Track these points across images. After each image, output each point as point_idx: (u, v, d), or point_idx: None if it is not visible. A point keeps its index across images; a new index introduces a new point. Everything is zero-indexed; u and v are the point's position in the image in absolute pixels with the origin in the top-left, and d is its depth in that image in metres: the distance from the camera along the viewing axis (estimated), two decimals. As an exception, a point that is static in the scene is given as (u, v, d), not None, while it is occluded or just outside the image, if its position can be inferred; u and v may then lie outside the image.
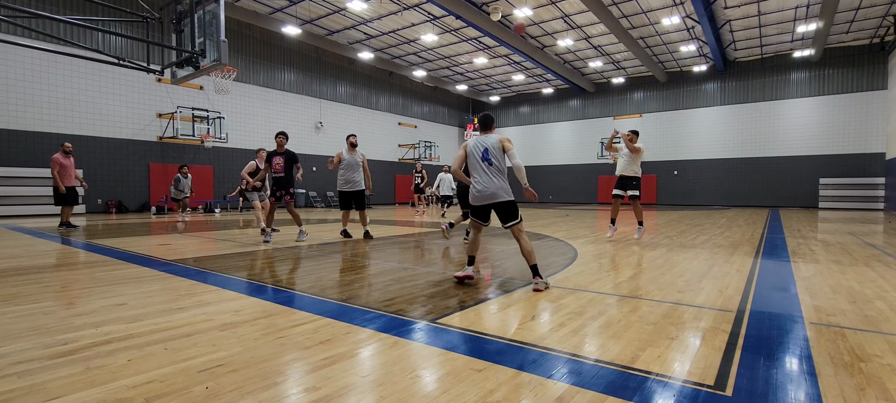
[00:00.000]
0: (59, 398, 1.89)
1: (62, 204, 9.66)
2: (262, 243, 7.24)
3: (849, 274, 4.74)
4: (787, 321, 3.08)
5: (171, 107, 17.38)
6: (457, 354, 2.43)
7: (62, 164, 9.50)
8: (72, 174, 9.71)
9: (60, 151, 9.65)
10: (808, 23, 18.59)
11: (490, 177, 4.18)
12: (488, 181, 4.18)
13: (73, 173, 9.76)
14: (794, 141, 22.74)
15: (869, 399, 1.92)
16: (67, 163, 9.61)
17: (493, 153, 4.19)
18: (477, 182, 4.24)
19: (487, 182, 4.18)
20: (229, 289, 3.98)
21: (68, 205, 9.71)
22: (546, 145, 30.56)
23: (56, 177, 9.36)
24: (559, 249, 6.68)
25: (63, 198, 9.57)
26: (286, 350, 2.46)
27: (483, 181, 4.20)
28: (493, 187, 4.15)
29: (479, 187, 4.22)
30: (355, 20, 19.58)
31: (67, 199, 9.61)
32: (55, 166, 9.39)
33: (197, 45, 6.44)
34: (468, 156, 4.34)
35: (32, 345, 2.52)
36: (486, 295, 3.81)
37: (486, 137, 4.31)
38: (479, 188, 4.22)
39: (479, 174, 4.24)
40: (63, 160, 9.54)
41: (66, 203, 9.64)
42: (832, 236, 8.70)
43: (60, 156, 9.55)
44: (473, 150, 4.30)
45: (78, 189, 10.06)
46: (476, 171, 4.27)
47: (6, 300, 3.57)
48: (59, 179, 9.39)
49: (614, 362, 2.32)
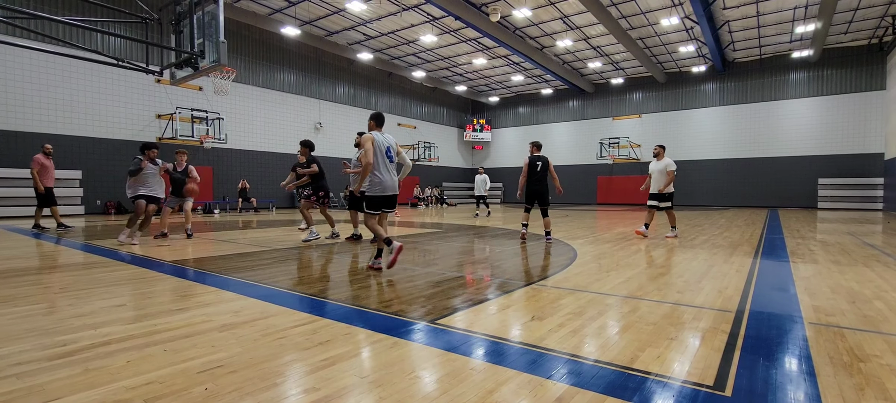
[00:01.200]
0: (58, 399, 1.88)
1: (42, 205, 9.79)
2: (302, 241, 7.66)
3: (848, 275, 4.74)
4: (787, 321, 3.08)
5: (170, 108, 17.38)
6: (456, 355, 2.43)
7: (43, 165, 9.61)
8: (52, 175, 9.87)
9: (41, 152, 9.77)
10: (806, 23, 18.63)
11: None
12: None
13: (53, 174, 9.91)
14: (793, 141, 22.78)
15: (868, 398, 1.93)
16: (48, 163, 9.73)
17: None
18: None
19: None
20: (228, 290, 3.97)
21: (44, 206, 9.84)
22: (545, 145, 29.99)
23: (36, 178, 9.47)
24: (559, 250, 6.68)
25: (42, 199, 9.71)
26: (285, 351, 2.46)
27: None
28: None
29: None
30: (354, 21, 19.58)
31: (46, 200, 9.75)
32: (36, 166, 9.51)
33: (196, 46, 6.43)
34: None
35: (31, 346, 2.52)
36: (485, 296, 3.81)
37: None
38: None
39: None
40: (44, 161, 9.64)
41: (44, 204, 9.78)
42: (831, 236, 8.72)
43: (41, 156, 9.66)
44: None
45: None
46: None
47: (5, 301, 3.57)
48: (39, 179, 9.49)
49: (614, 362, 2.33)
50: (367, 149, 4.73)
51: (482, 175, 16.32)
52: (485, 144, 33.90)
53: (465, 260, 5.77)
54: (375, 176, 4.87)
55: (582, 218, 13.87)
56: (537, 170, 7.74)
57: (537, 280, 4.49)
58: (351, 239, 7.77)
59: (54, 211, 9.89)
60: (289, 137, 21.45)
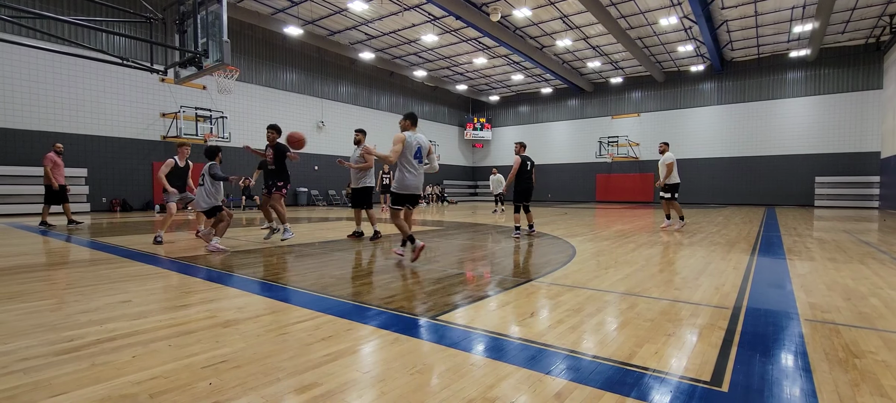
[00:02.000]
0: (64, 394, 1.91)
1: (52, 202, 9.98)
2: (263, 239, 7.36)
3: (844, 272, 4.78)
4: (783, 317, 3.12)
5: (175, 107, 17.42)
6: (457, 350, 2.46)
7: (56, 162, 9.85)
8: (63, 173, 10.08)
9: (53, 151, 10.00)
10: (804, 23, 18.65)
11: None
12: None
13: (63, 172, 10.12)
14: (791, 140, 22.83)
15: (863, 394, 1.96)
16: (59, 162, 9.96)
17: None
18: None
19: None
20: (232, 287, 4.00)
21: (55, 203, 10.04)
22: (545, 144, 30.61)
23: (49, 174, 9.71)
24: (558, 247, 6.71)
25: (54, 196, 9.90)
26: (288, 347, 2.49)
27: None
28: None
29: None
30: (356, 21, 19.60)
31: (58, 197, 9.94)
32: (49, 163, 9.74)
33: (200, 46, 6.46)
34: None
35: (38, 342, 2.55)
36: (485, 293, 3.85)
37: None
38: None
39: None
40: (56, 159, 9.89)
41: (56, 201, 9.97)
42: (827, 234, 8.75)
43: (54, 155, 9.90)
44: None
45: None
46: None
47: (12, 297, 3.60)
48: (52, 176, 9.72)
49: (612, 358, 2.36)
50: (397, 149, 4.94)
51: (496, 175, 18.35)
52: (485, 143, 33.94)
53: (465, 258, 5.80)
54: (403, 175, 5.10)
55: (581, 216, 13.89)
56: (527, 169, 8.06)
57: (536, 277, 4.52)
58: (353, 237, 7.81)
59: (66, 208, 10.10)
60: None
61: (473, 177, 34.32)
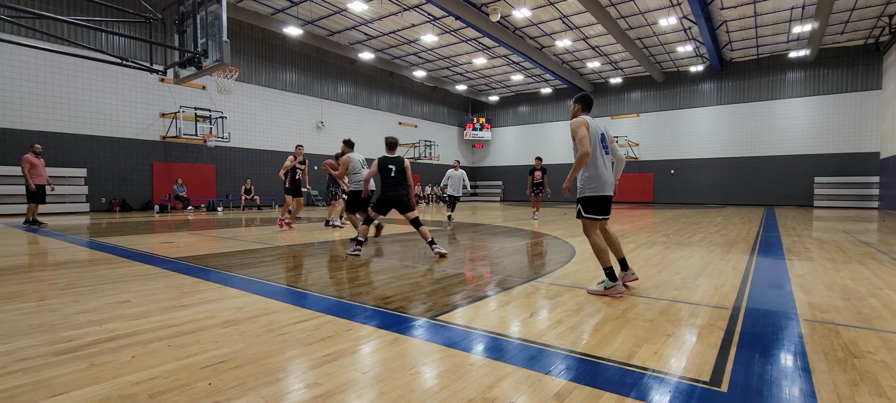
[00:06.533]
0: (63, 394, 1.91)
1: (32, 202, 10.08)
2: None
3: (843, 272, 4.78)
4: (782, 318, 3.12)
5: (174, 107, 17.40)
6: (456, 350, 2.46)
7: (33, 163, 9.88)
8: (42, 173, 10.14)
9: (31, 151, 10.03)
10: (803, 23, 18.66)
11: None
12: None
13: (43, 172, 10.17)
14: (790, 140, 22.84)
15: (862, 394, 1.96)
16: (38, 162, 10.01)
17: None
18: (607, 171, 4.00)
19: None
20: (232, 287, 4.00)
21: (36, 203, 10.14)
22: (545, 144, 30.61)
23: (26, 175, 9.77)
24: (557, 247, 6.71)
25: (32, 196, 10.00)
26: (288, 347, 2.49)
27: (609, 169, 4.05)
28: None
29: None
30: (356, 21, 19.60)
31: (36, 197, 10.04)
32: (26, 164, 9.79)
33: (199, 46, 6.46)
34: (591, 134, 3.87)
35: (37, 342, 2.55)
36: (484, 293, 3.85)
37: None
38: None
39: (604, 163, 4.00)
40: (33, 159, 9.92)
41: (34, 200, 10.06)
42: (827, 234, 8.75)
43: (31, 155, 9.92)
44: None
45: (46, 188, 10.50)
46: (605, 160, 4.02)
47: (11, 297, 3.60)
48: (29, 177, 9.78)
49: (611, 358, 2.36)
50: (584, 134, 3.79)
51: (458, 171, 16.66)
52: (484, 143, 33.94)
53: (465, 258, 5.80)
54: (597, 170, 4.06)
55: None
56: (391, 175, 6.51)
57: (536, 277, 4.52)
58: (355, 249, 7.81)
59: (33, 207, 10.16)
60: (291, 136, 21.51)
61: (473, 177, 34.33)
